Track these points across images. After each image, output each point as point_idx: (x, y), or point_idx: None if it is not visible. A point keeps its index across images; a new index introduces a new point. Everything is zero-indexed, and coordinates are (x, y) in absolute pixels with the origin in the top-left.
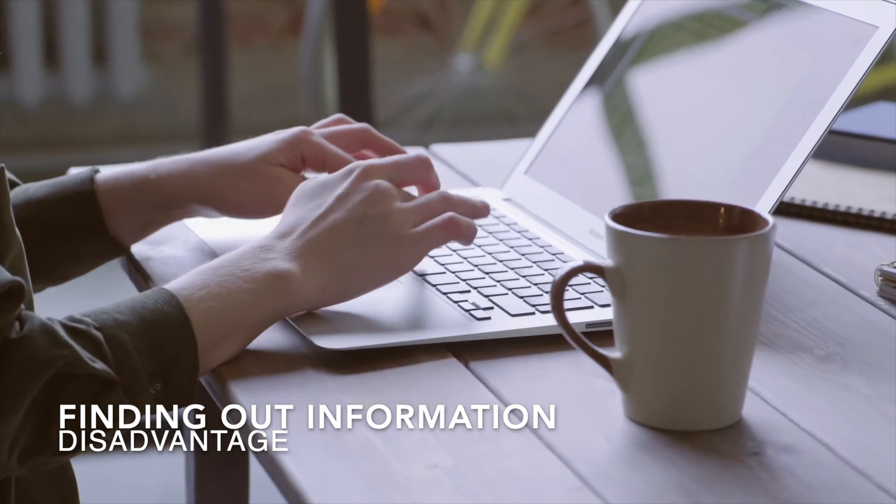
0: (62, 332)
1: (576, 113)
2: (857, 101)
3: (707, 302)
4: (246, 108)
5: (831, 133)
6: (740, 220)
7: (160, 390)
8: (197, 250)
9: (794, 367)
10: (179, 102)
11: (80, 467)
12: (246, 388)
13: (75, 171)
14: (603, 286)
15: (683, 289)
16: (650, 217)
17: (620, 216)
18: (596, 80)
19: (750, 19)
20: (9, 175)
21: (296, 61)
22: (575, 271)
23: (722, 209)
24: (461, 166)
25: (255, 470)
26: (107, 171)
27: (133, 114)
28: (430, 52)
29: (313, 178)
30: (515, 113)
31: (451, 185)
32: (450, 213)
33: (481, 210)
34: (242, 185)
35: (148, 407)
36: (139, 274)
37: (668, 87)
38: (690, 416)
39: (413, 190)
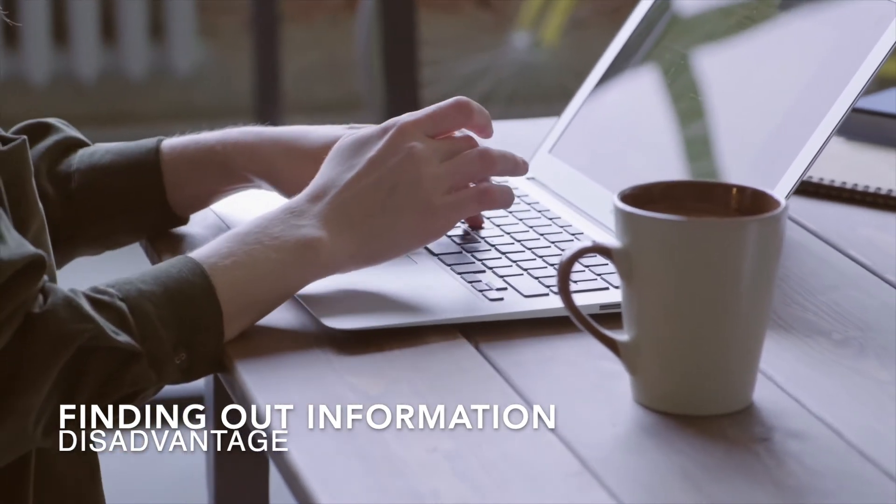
0: (86, 305)
1: (601, 92)
2: (892, 80)
3: (716, 285)
4: (304, 84)
5: (864, 113)
6: (752, 202)
7: (185, 360)
8: (214, 228)
9: (809, 351)
10: (235, 78)
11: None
12: (251, 368)
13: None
14: None
15: (692, 272)
16: (660, 198)
17: (629, 197)
18: (621, 59)
19: None
20: (71, 132)
21: (354, 37)
22: (581, 252)
23: (734, 190)
24: (489, 145)
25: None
26: (173, 140)
27: (189, 89)
28: (487, 29)
29: (350, 135)
30: (572, 90)
31: None
32: (484, 185)
33: (521, 167)
34: (304, 168)
35: (174, 376)
36: (154, 250)
37: (690, 66)
38: (698, 401)
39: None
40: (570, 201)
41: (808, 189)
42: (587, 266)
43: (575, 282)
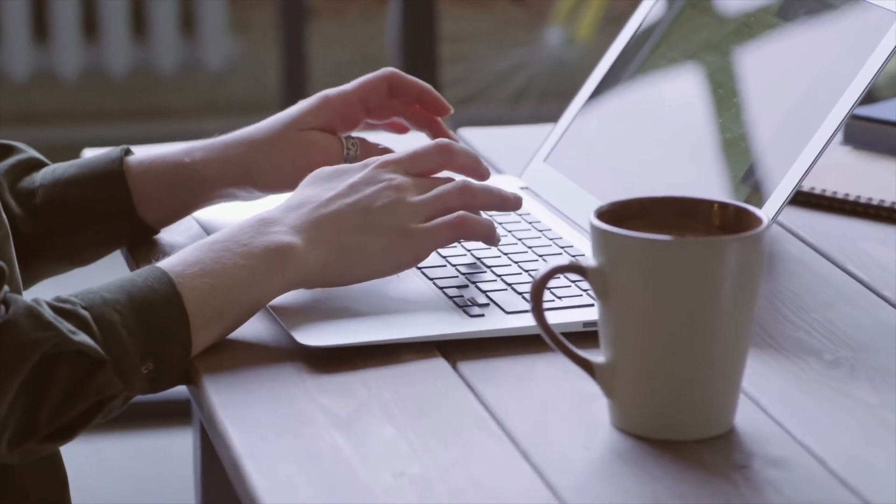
0: (48, 314)
1: (597, 100)
2: None
3: (694, 306)
4: (335, 78)
5: (871, 122)
6: (735, 218)
7: (152, 369)
8: (196, 237)
9: (798, 372)
10: (266, 73)
11: (83, 450)
12: (219, 383)
13: (102, 151)
14: None
15: (669, 292)
16: (639, 214)
17: (607, 214)
18: (618, 66)
19: (771, 4)
20: (33, 153)
21: (386, 32)
22: (555, 271)
23: (715, 206)
24: (488, 151)
25: None
26: (139, 155)
27: (220, 84)
28: (520, 24)
29: (329, 166)
30: None
31: None
32: (461, 212)
33: (510, 202)
34: (278, 156)
35: (142, 386)
36: (134, 260)
37: (686, 75)
38: (676, 425)
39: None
40: (562, 212)
41: (809, 200)
42: (573, 281)
43: (560, 297)
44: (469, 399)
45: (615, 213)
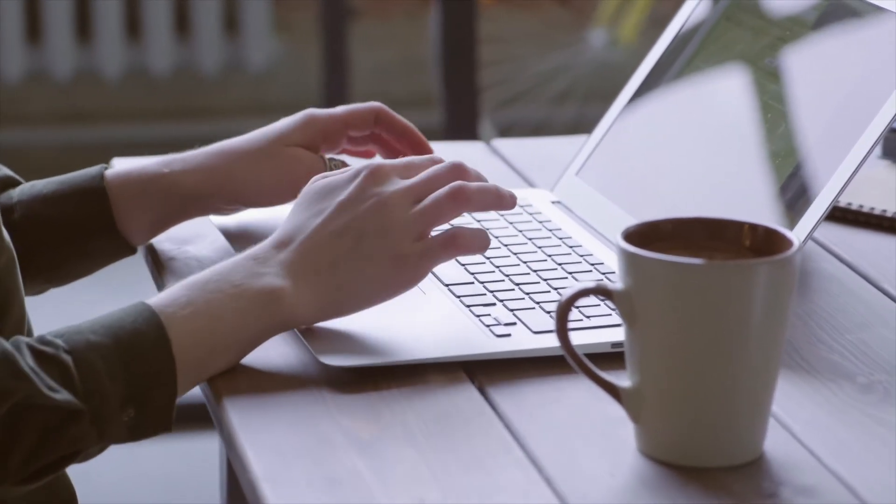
0: (23, 360)
1: (631, 112)
2: None
3: (723, 330)
4: (378, 80)
5: None
6: (765, 240)
7: (133, 416)
8: (223, 251)
9: (830, 396)
10: (309, 73)
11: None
12: (239, 403)
13: (84, 170)
14: None
15: (696, 316)
16: (668, 236)
17: (635, 235)
18: (653, 78)
19: (810, 17)
20: (7, 171)
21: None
22: (581, 293)
23: (745, 227)
24: (520, 163)
25: None
26: (117, 167)
27: (263, 84)
28: (564, 26)
29: (321, 177)
30: None
31: (505, 184)
32: (453, 229)
33: (506, 200)
34: (261, 170)
35: (120, 434)
36: (160, 273)
37: (721, 88)
38: (704, 452)
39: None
40: (594, 227)
41: (846, 216)
42: (602, 300)
43: (588, 317)
44: (493, 422)
45: (643, 234)
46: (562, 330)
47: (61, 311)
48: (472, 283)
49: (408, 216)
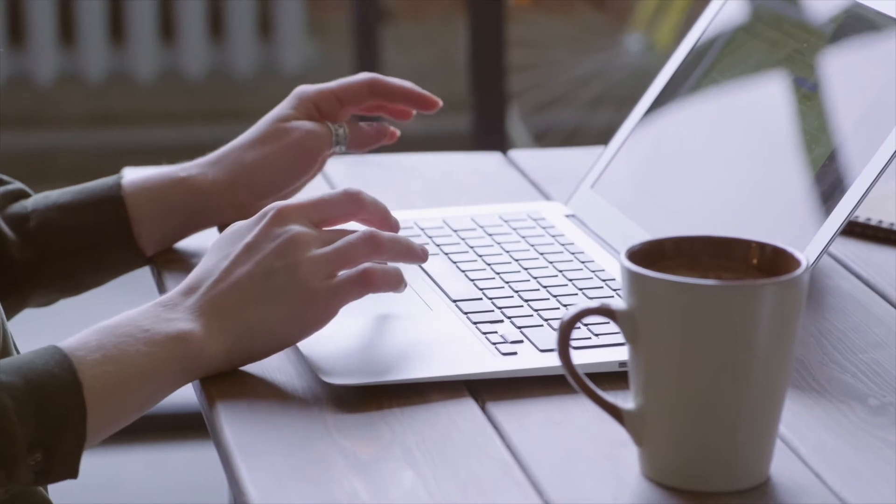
0: None
1: (647, 124)
2: None
3: (728, 352)
4: (414, 82)
5: None
6: (773, 259)
7: (40, 461)
8: None
9: (841, 419)
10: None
11: (119, 458)
12: (237, 422)
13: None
14: None
15: (701, 338)
16: (673, 255)
17: (639, 253)
18: (669, 90)
19: (827, 29)
20: (20, 185)
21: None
22: (583, 313)
23: (753, 246)
24: (537, 175)
25: None
26: (133, 175)
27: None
28: (600, 30)
29: (232, 225)
30: None
31: (521, 196)
32: (364, 265)
33: (416, 254)
34: (270, 150)
35: (26, 478)
36: (166, 289)
37: (737, 101)
38: (708, 477)
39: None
40: (608, 242)
41: (865, 232)
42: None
43: (596, 335)
44: (495, 443)
45: (648, 253)
46: (563, 350)
47: (71, 325)
48: (481, 298)
49: (317, 254)
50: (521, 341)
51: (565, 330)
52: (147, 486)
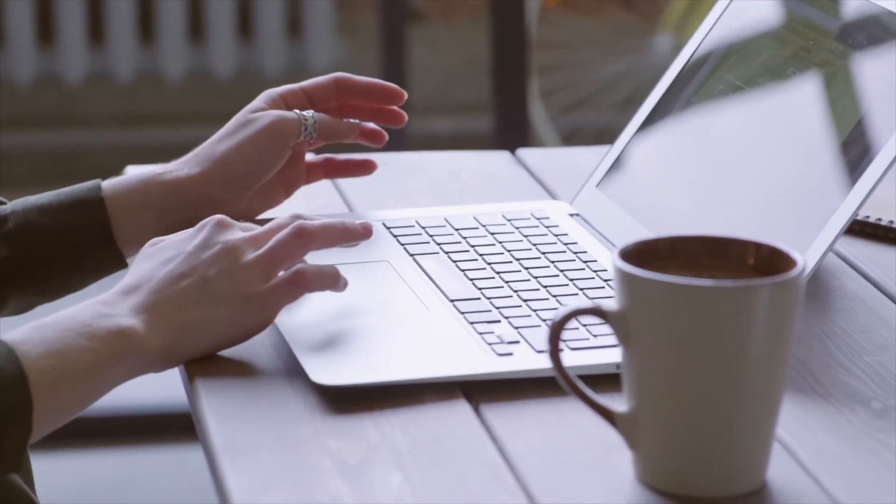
0: None
1: (652, 123)
2: None
3: (722, 354)
4: (440, 82)
5: None
6: (770, 259)
7: None
8: None
9: (843, 422)
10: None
11: (105, 461)
12: (224, 421)
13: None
14: None
15: (694, 339)
16: (668, 254)
17: (633, 253)
18: (675, 88)
19: (830, 28)
20: None
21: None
22: (574, 313)
23: (749, 246)
24: (544, 175)
25: None
26: (112, 179)
27: None
28: (629, 31)
29: (162, 238)
30: None
31: (527, 195)
32: (297, 267)
33: (354, 233)
34: (240, 139)
35: None
36: None
37: (743, 99)
38: (702, 481)
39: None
40: (611, 242)
41: (876, 233)
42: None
43: (594, 336)
44: (486, 447)
45: (642, 253)
46: (554, 351)
47: None
48: (479, 298)
49: (251, 259)
50: (518, 342)
51: (556, 330)
52: (136, 488)
